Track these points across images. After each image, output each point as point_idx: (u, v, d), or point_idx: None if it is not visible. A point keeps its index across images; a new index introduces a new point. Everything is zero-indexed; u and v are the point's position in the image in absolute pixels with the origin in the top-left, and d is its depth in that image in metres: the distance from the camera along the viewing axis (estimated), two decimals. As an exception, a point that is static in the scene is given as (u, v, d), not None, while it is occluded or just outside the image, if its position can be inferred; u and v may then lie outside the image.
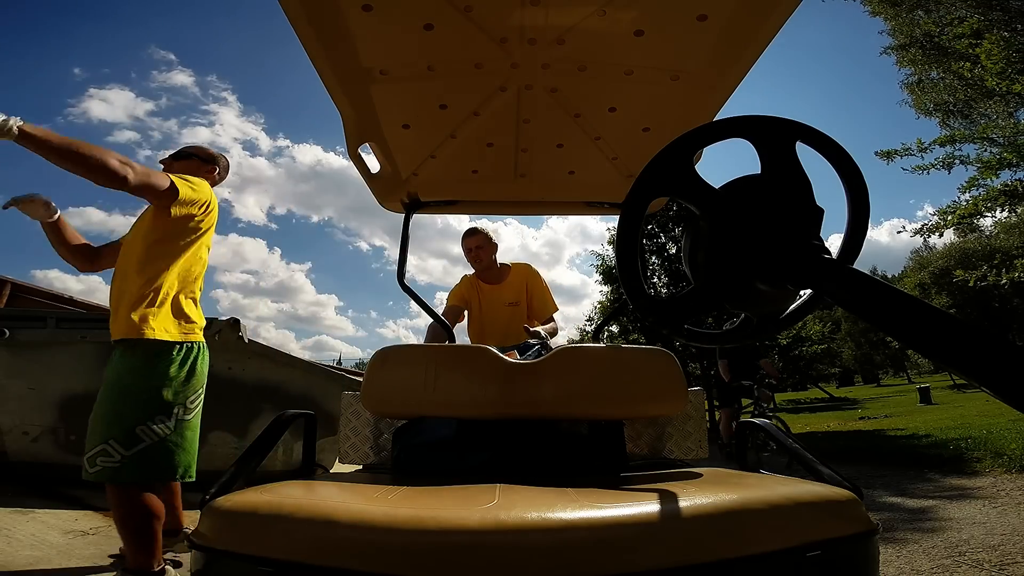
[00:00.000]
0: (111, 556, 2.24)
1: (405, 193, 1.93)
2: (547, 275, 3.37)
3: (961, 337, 0.47)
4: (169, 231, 1.86)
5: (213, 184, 2.12)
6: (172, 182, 1.80)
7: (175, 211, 1.83)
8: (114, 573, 2.02)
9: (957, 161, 7.76)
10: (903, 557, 2.53)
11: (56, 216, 1.99)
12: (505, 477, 1.07)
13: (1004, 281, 7.25)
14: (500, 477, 1.07)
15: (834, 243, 0.80)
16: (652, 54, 1.31)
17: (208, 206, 1.95)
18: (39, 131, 1.54)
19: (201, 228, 1.94)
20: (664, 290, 13.74)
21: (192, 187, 1.88)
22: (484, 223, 2.80)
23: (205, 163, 2.14)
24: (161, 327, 1.81)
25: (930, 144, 7.84)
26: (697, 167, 0.77)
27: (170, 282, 1.87)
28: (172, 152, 2.15)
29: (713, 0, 1.15)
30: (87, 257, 2.11)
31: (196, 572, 0.78)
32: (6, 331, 3.20)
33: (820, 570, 0.74)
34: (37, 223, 2.01)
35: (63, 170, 1.59)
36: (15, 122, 1.49)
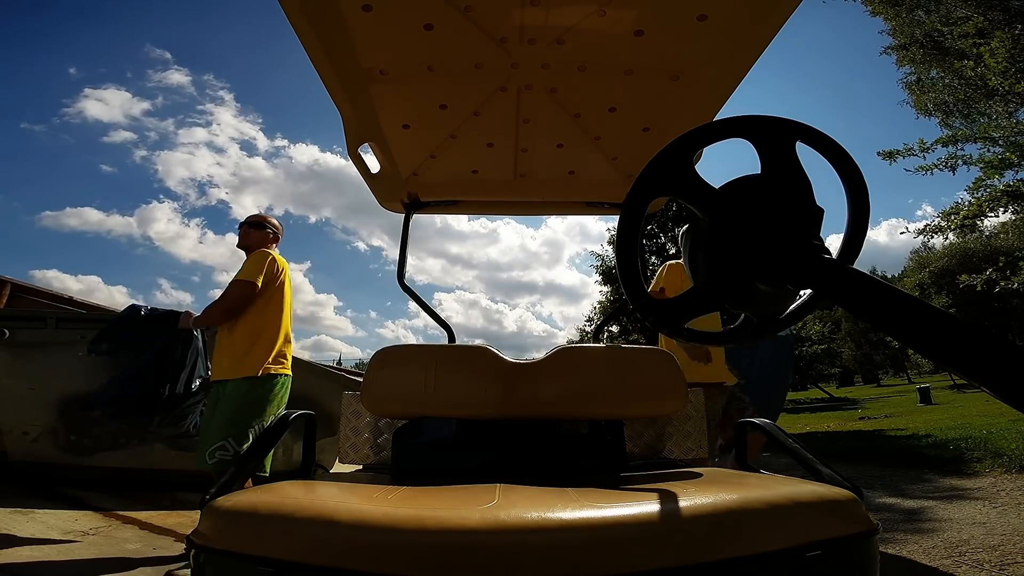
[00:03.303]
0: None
1: (405, 193, 1.93)
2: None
3: (961, 337, 0.47)
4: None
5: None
6: (254, 285, 2.52)
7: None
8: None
9: (960, 161, 7.75)
10: (903, 557, 2.53)
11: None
12: (505, 477, 1.07)
13: (1015, 284, 7.21)
14: (500, 477, 1.06)
15: (834, 243, 0.80)
16: (652, 54, 1.31)
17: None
18: (200, 319, 2.60)
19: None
20: (664, 290, 13.72)
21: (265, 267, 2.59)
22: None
23: (274, 233, 2.76)
24: None
25: (932, 144, 7.83)
26: (697, 167, 0.77)
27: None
28: (247, 220, 2.76)
29: (713, 0, 1.15)
30: None
31: (196, 572, 0.78)
32: (6, 331, 3.20)
33: (820, 570, 0.74)
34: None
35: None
36: (191, 316, 2.60)
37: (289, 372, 2.63)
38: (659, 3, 1.16)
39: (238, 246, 2.73)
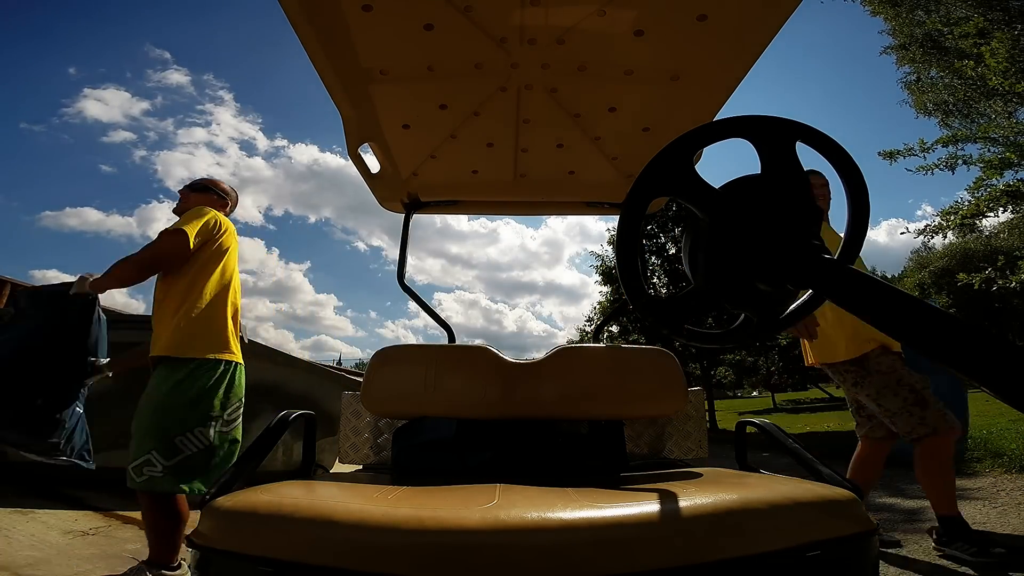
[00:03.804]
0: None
1: (405, 193, 1.93)
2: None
3: (961, 337, 0.47)
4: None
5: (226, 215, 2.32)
6: (185, 236, 1.97)
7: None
8: (136, 563, 2.07)
9: (960, 161, 7.74)
10: (902, 557, 2.53)
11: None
12: (505, 477, 1.07)
13: (1013, 284, 7.20)
14: (500, 477, 1.07)
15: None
16: (652, 54, 1.31)
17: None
18: (103, 279, 1.90)
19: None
20: (664, 290, 13.75)
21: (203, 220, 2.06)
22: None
23: (220, 198, 2.31)
24: None
25: (932, 144, 7.82)
26: (697, 167, 0.77)
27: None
28: (189, 183, 2.33)
29: (713, 0, 1.15)
30: None
31: (196, 572, 0.78)
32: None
33: (820, 570, 0.74)
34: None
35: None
36: (89, 277, 1.87)
37: (234, 359, 2.05)
38: (659, 3, 1.16)
39: (174, 212, 2.20)
